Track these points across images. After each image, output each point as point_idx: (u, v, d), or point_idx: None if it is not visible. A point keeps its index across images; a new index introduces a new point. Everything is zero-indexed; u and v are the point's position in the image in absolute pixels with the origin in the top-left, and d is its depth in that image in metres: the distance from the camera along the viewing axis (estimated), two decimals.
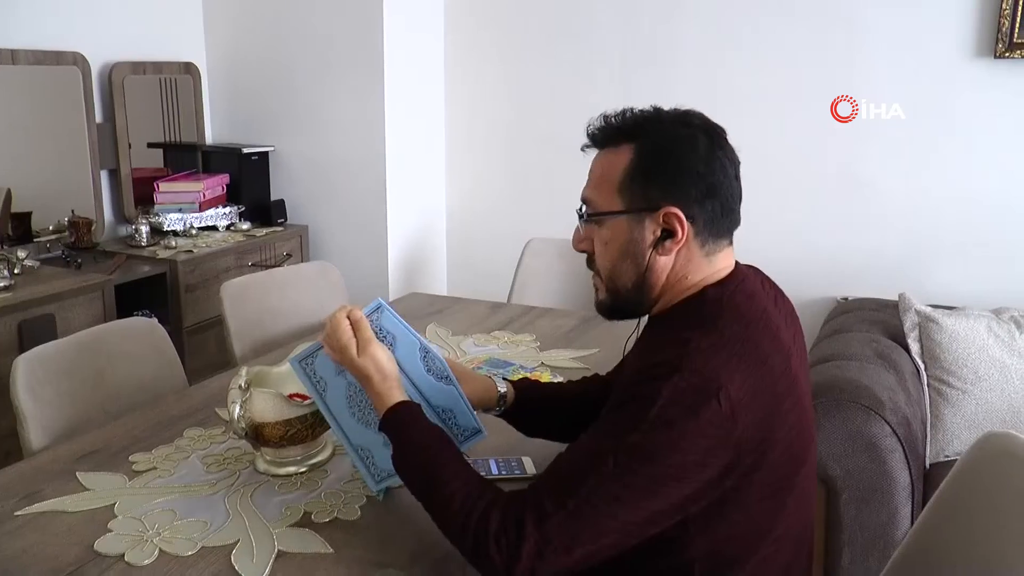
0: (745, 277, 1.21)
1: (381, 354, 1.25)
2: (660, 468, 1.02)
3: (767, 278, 1.28)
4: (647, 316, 1.23)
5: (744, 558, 1.13)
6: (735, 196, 1.17)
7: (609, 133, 1.19)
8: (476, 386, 1.40)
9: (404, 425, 1.21)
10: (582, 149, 1.23)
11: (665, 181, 1.14)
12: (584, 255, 1.24)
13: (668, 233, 1.14)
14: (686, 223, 1.13)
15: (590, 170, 1.21)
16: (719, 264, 1.18)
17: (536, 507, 1.04)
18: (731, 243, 1.20)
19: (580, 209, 1.22)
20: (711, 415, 1.01)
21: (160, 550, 1.21)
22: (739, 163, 1.18)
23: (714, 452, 1.03)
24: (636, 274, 1.17)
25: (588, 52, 3.29)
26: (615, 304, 1.22)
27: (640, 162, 1.15)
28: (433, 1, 3.47)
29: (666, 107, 1.21)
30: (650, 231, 1.15)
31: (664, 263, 1.16)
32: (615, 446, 1.03)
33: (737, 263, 1.22)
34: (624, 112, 1.19)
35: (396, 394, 1.24)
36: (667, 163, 1.14)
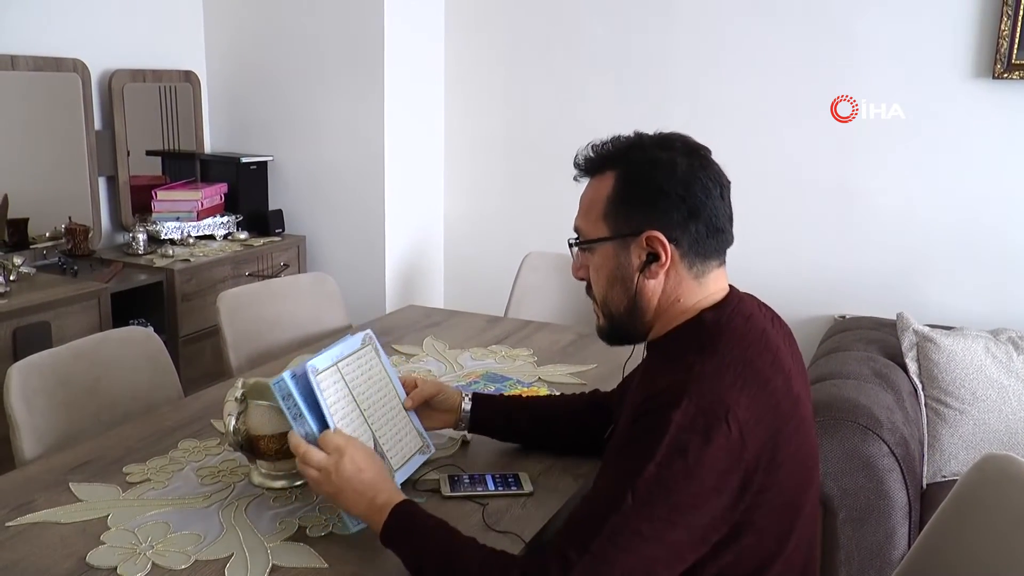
0: (741, 299, 1.22)
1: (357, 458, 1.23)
2: (678, 497, 1.02)
3: (763, 303, 1.29)
4: (646, 342, 1.25)
5: None
6: (721, 216, 1.17)
7: (594, 161, 1.21)
8: (445, 408, 1.53)
9: (414, 525, 1.17)
10: (574, 179, 1.25)
11: (646, 205, 1.15)
12: (584, 283, 1.26)
13: (654, 257, 1.15)
14: (668, 246, 1.14)
15: (579, 199, 1.24)
16: (711, 287, 1.19)
17: (559, 557, 1.03)
18: (723, 264, 1.20)
19: (572, 238, 1.24)
20: (722, 439, 1.02)
21: (153, 563, 1.20)
22: (728, 183, 1.18)
23: (727, 476, 1.03)
24: (627, 299, 1.19)
25: (586, 64, 3.30)
26: (612, 330, 1.24)
27: (621, 188, 1.17)
28: (434, 13, 3.48)
29: (651, 130, 1.23)
30: (635, 255, 1.16)
31: (653, 287, 1.17)
32: (632, 481, 1.02)
33: (732, 287, 1.23)
34: (610, 140, 1.21)
35: (394, 493, 1.21)
36: (647, 187, 1.15)
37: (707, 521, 1.04)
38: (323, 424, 1.27)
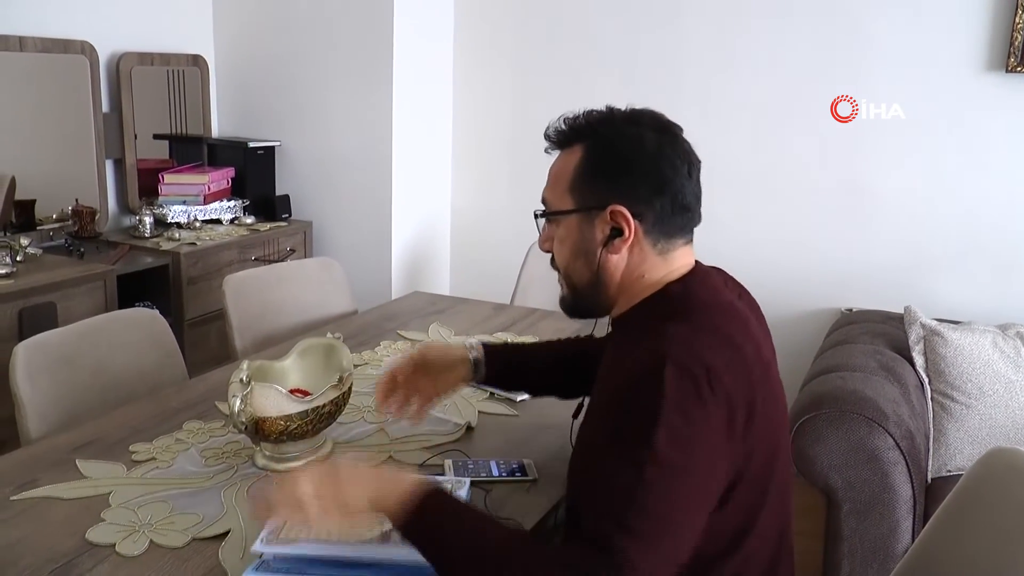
0: (707, 274, 1.22)
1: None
2: (693, 456, 1.00)
3: (731, 277, 1.29)
4: (611, 319, 1.24)
5: (728, 554, 1.11)
6: (688, 194, 1.16)
7: (564, 134, 1.21)
8: (451, 375, 1.45)
9: (442, 510, 1.06)
10: (545, 151, 1.25)
11: (611, 179, 1.15)
12: (550, 255, 1.25)
13: (617, 232, 1.15)
14: (632, 221, 1.13)
15: (548, 171, 1.23)
16: (676, 263, 1.18)
17: (602, 541, 0.97)
18: (689, 242, 1.20)
19: (538, 210, 1.24)
20: (708, 395, 1.01)
21: (151, 541, 1.20)
22: (697, 162, 1.18)
23: (719, 432, 1.03)
24: (589, 272, 1.18)
25: (594, 58, 3.28)
26: (575, 302, 1.24)
27: (588, 161, 1.17)
28: (443, 7, 3.46)
29: (626, 107, 1.22)
30: (599, 230, 1.15)
31: (616, 261, 1.16)
32: (646, 455, 0.99)
33: (698, 262, 1.22)
34: (582, 114, 1.20)
35: (406, 483, 1.06)
36: (613, 162, 1.15)
37: (719, 475, 1.04)
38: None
